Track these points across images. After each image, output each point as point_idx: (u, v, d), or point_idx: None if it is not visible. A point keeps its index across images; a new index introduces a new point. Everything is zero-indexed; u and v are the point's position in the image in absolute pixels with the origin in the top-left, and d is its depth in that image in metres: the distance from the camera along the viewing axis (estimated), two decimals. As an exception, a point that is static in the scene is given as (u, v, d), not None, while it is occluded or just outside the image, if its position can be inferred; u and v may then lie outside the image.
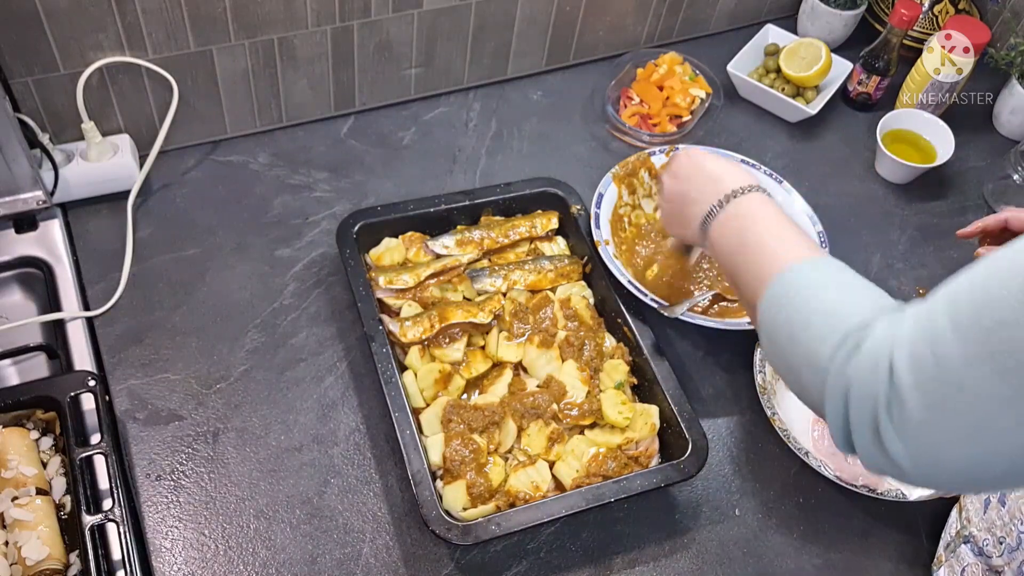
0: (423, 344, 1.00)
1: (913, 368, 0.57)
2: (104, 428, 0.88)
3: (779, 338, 0.72)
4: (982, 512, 0.87)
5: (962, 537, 0.89)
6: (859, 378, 0.61)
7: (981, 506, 0.88)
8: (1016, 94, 1.37)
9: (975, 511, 0.89)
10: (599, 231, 1.09)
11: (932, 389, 0.56)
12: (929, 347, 0.56)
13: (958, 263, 1.24)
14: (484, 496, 0.90)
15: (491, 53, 1.32)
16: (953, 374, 0.54)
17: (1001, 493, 0.85)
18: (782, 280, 0.73)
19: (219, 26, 1.08)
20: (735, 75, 1.39)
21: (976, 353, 0.53)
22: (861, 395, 0.61)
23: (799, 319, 0.69)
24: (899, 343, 0.59)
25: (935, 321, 0.57)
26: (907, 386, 0.57)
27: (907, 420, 0.57)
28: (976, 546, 0.87)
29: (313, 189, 1.20)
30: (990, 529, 0.86)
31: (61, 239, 1.09)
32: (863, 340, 0.63)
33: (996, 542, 0.85)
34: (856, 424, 0.61)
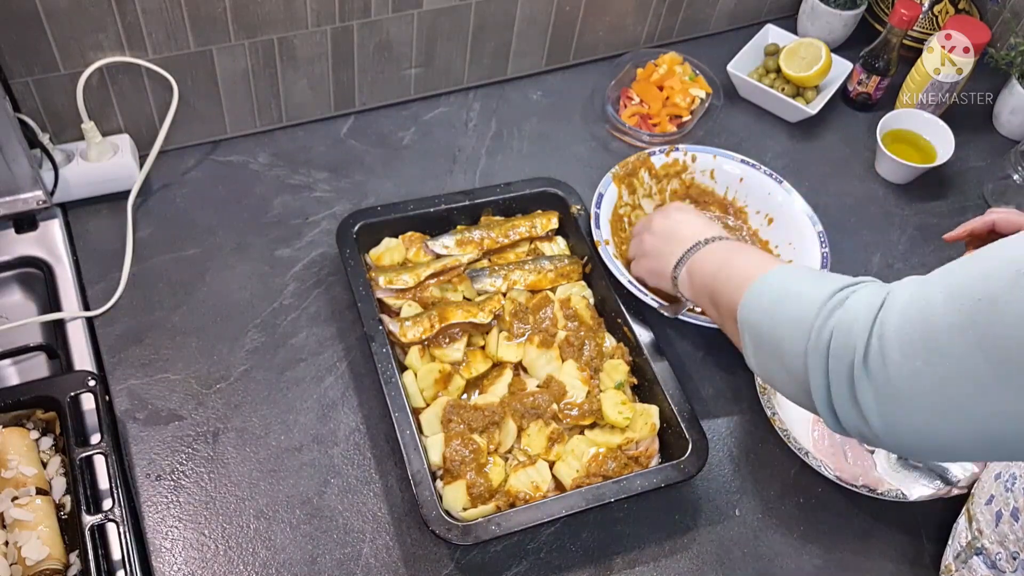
0: (423, 344, 1.00)
1: (900, 324, 0.59)
2: (104, 428, 0.88)
3: (761, 326, 0.73)
4: (994, 524, 0.86)
5: (974, 548, 0.88)
6: (841, 326, 0.63)
7: (993, 518, 0.87)
8: (1016, 94, 1.37)
9: (986, 523, 0.87)
10: (599, 231, 1.09)
11: (914, 346, 0.57)
12: (919, 309, 0.58)
13: (958, 263, 1.24)
14: (484, 496, 0.90)
15: (491, 53, 1.32)
16: (937, 338, 0.56)
17: (1014, 507, 0.84)
18: (762, 280, 0.76)
19: (219, 26, 1.08)
20: (735, 75, 1.39)
21: (962, 323, 0.55)
22: (842, 341, 0.62)
23: (781, 300, 0.72)
24: (891, 298, 0.61)
25: (930, 286, 0.59)
26: (890, 338, 0.58)
27: (883, 371, 0.58)
28: (989, 559, 0.86)
29: (313, 189, 1.20)
30: (1003, 543, 0.85)
31: (61, 239, 1.09)
32: (849, 296, 0.65)
33: (1010, 557, 0.84)
34: (834, 374, 0.62)
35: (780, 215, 1.18)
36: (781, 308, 0.72)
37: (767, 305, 0.74)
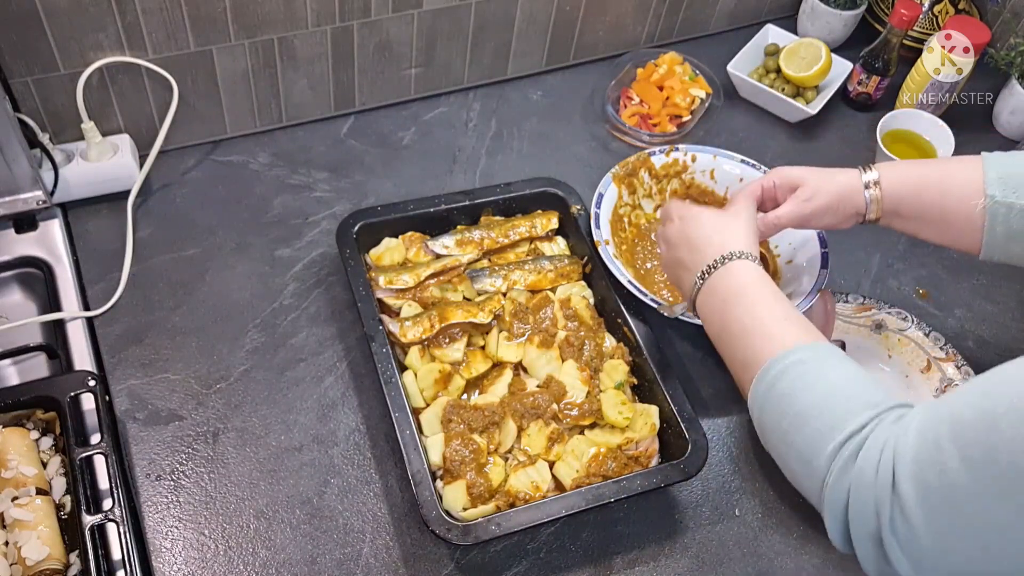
0: (423, 344, 1.00)
1: (919, 492, 0.56)
2: (104, 428, 0.88)
3: (771, 435, 0.72)
4: None
5: None
6: (859, 493, 0.61)
7: None
8: (1016, 94, 1.37)
9: None
10: (599, 231, 1.09)
11: (940, 514, 0.56)
12: (937, 476, 0.56)
13: (957, 263, 1.25)
14: (484, 496, 0.90)
15: (491, 53, 1.32)
16: (966, 507, 0.54)
17: None
18: (771, 371, 0.72)
19: (219, 26, 1.08)
20: (735, 75, 1.39)
21: (993, 494, 0.53)
22: (862, 509, 0.61)
23: (791, 418, 0.69)
24: (901, 459, 0.59)
25: (941, 447, 0.56)
26: (913, 509, 0.57)
27: (914, 542, 0.57)
28: None
29: (313, 189, 1.20)
30: None
31: (61, 239, 1.09)
32: (861, 448, 0.63)
33: None
34: (858, 535, 0.61)
35: (780, 215, 1.18)
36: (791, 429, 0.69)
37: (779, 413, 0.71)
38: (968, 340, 1.16)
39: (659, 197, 1.22)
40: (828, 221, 0.95)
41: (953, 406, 0.58)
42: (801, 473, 0.68)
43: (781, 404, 0.70)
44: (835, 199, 0.92)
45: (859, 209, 0.93)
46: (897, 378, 1.11)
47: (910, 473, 0.57)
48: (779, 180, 0.96)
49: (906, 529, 0.57)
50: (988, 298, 1.21)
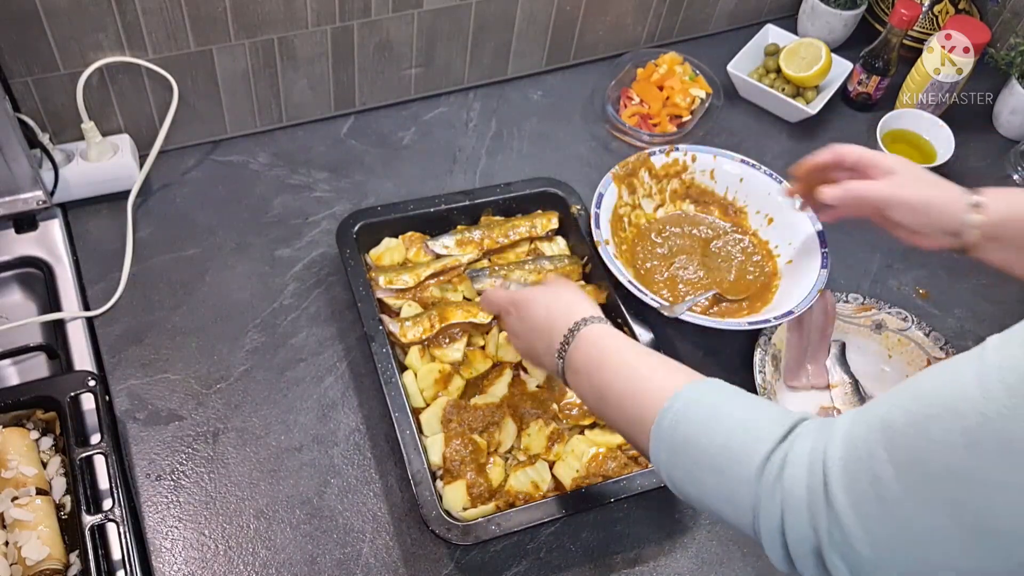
0: (423, 344, 1.00)
1: (853, 501, 0.54)
2: (104, 428, 0.88)
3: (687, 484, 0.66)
4: None
5: None
6: (793, 509, 0.58)
7: None
8: (1016, 94, 1.37)
9: None
10: (599, 231, 1.09)
11: (878, 526, 0.53)
12: (870, 484, 0.53)
13: (957, 263, 1.24)
14: (484, 496, 0.90)
15: (491, 53, 1.32)
16: (902, 516, 0.52)
17: None
18: (664, 420, 0.67)
19: (219, 26, 1.08)
20: (735, 75, 1.39)
21: (927, 499, 0.51)
22: (798, 526, 0.57)
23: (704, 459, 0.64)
24: (831, 469, 0.56)
25: (872, 453, 0.54)
26: (849, 520, 0.54)
27: (853, 553, 0.54)
28: None
29: (313, 189, 1.20)
30: None
31: (61, 239, 1.09)
32: (784, 464, 0.59)
33: None
34: (798, 553, 0.58)
35: (780, 215, 1.18)
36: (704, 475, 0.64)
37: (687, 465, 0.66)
38: (968, 340, 1.16)
39: (659, 197, 1.22)
40: (910, 220, 0.89)
41: (882, 411, 0.55)
42: (729, 508, 0.63)
43: (688, 450, 0.66)
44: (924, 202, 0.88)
45: (952, 228, 0.87)
46: (897, 378, 1.11)
47: (842, 483, 0.55)
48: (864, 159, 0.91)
49: (843, 540, 0.55)
50: (988, 298, 1.21)
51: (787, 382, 1.09)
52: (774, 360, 1.08)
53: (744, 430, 0.64)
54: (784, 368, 1.09)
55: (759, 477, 0.60)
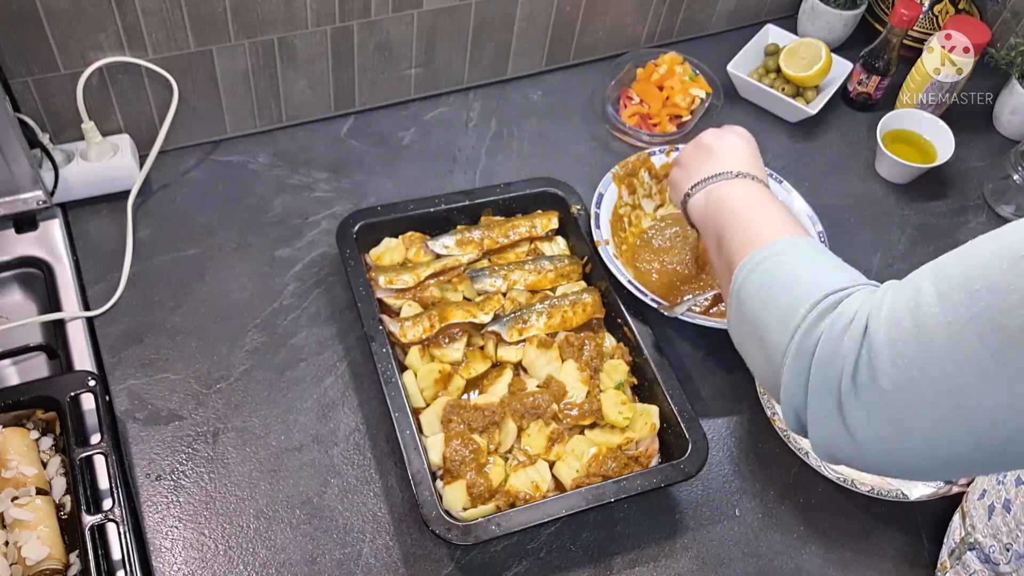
0: (423, 344, 1.00)
1: (889, 335, 0.55)
2: (104, 428, 0.88)
3: (751, 301, 0.70)
4: (986, 518, 0.87)
5: (967, 544, 0.89)
6: (829, 338, 0.59)
7: (985, 512, 0.87)
8: (1016, 94, 1.37)
9: (979, 517, 0.88)
10: (599, 231, 1.09)
11: (907, 356, 0.54)
12: (910, 315, 0.54)
13: (958, 263, 1.24)
14: (484, 496, 0.90)
15: (491, 53, 1.32)
16: (932, 340, 0.53)
17: (1006, 499, 0.84)
18: (763, 250, 0.72)
19: (219, 26, 1.08)
20: (735, 75, 1.39)
21: (959, 318, 0.52)
22: (828, 355, 0.58)
23: (777, 282, 0.69)
24: (876, 309, 0.57)
25: (919, 289, 0.55)
26: (881, 351, 0.55)
27: (875, 386, 0.55)
28: (982, 552, 0.87)
29: (313, 189, 1.20)
30: (995, 535, 0.85)
31: (61, 239, 1.09)
32: (839, 302, 0.61)
33: (1003, 548, 0.84)
34: (816, 388, 0.59)
35: (780, 215, 1.18)
36: (773, 291, 0.68)
37: (762, 281, 0.70)
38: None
39: (659, 197, 1.22)
40: None
41: (936, 260, 0.57)
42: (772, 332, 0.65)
43: (773, 268, 0.70)
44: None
45: None
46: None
47: (884, 318, 0.56)
48: None
49: (869, 372, 0.55)
50: (988, 298, 1.21)
51: (787, 382, 1.09)
52: (774, 360, 1.08)
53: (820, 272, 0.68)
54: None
55: (812, 308, 0.62)
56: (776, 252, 0.72)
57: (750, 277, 0.71)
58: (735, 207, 0.82)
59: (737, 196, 0.84)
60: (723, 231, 0.81)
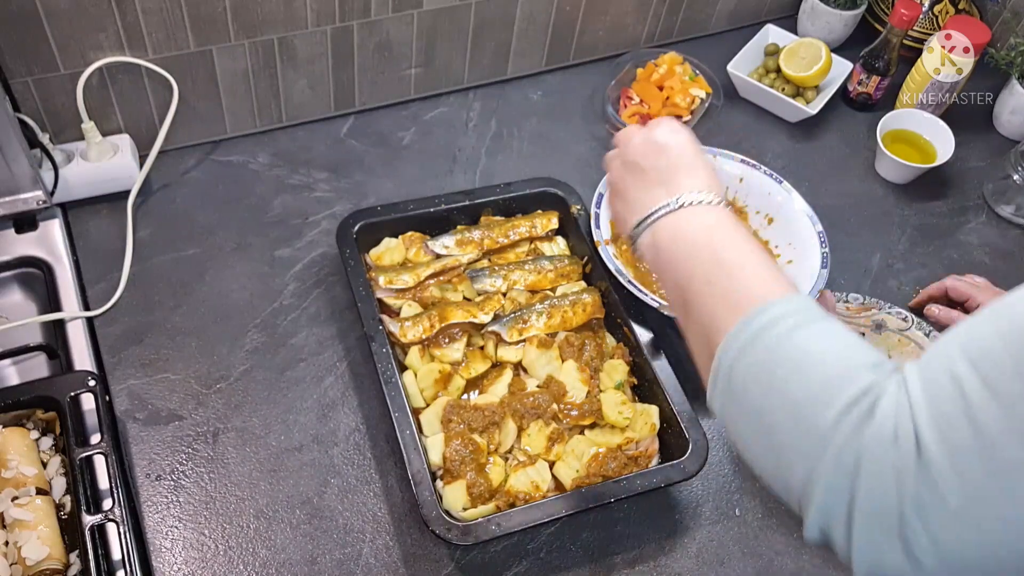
0: (423, 344, 1.00)
1: (946, 443, 0.46)
2: (104, 428, 0.88)
3: (751, 388, 0.57)
4: None
5: None
6: (876, 457, 0.49)
7: None
8: (1016, 94, 1.37)
9: None
10: (599, 231, 1.09)
11: (973, 466, 0.45)
12: (962, 414, 0.46)
13: (958, 263, 1.25)
14: (484, 496, 0.90)
15: (491, 53, 1.32)
16: (999, 445, 0.45)
17: None
18: (753, 320, 0.58)
19: (219, 26, 1.08)
20: (735, 75, 1.39)
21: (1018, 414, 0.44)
22: (878, 478, 0.48)
23: (784, 368, 0.55)
24: (919, 409, 0.48)
25: (957, 376, 0.47)
26: (941, 466, 0.46)
27: (941, 506, 0.46)
28: None
29: (313, 189, 1.20)
30: None
31: (61, 239, 1.09)
32: (873, 405, 0.50)
33: None
34: (866, 513, 0.49)
35: (780, 215, 1.18)
36: (781, 380, 0.55)
37: (762, 365, 0.57)
38: (968, 340, 1.16)
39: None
40: None
41: (960, 340, 0.48)
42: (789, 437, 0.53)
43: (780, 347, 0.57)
44: None
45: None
46: (897, 378, 1.11)
47: (930, 422, 0.47)
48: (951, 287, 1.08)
49: (932, 493, 0.46)
50: (988, 298, 1.21)
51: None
52: (774, 360, 1.07)
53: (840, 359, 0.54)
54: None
55: (843, 414, 0.51)
56: (772, 323, 0.58)
57: (744, 357, 0.58)
58: (694, 252, 0.66)
59: (692, 235, 0.68)
60: (688, 285, 0.65)
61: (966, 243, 1.28)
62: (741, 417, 0.59)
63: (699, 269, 0.65)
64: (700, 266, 0.65)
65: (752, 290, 0.61)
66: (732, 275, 0.63)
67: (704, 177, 0.73)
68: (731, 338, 0.59)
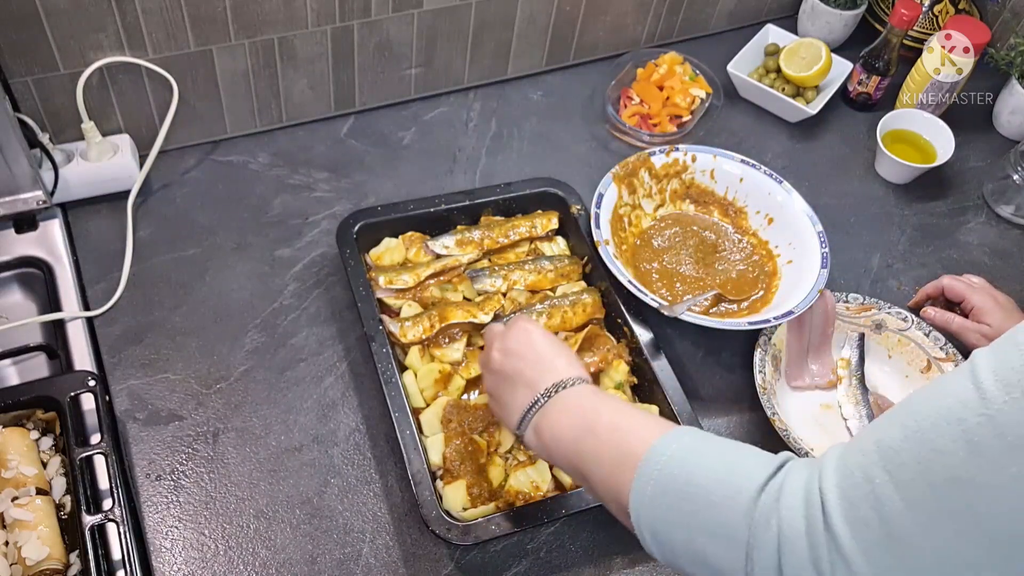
0: (423, 344, 1.00)
1: (854, 529, 0.51)
2: (104, 428, 0.88)
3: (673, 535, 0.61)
4: None
5: None
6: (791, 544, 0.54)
7: None
8: (1016, 94, 1.37)
9: None
10: (599, 231, 1.09)
11: (885, 555, 0.50)
12: (872, 509, 0.51)
13: (957, 263, 1.25)
14: (484, 496, 0.90)
15: (491, 53, 1.32)
16: (907, 541, 0.50)
17: None
18: (653, 457, 0.63)
19: (219, 26, 1.08)
20: (735, 75, 1.39)
21: (932, 516, 0.49)
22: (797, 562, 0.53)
23: (693, 491, 0.60)
24: (828, 496, 0.53)
25: (871, 475, 0.52)
26: (851, 551, 0.51)
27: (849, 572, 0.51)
28: None
29: (313, 189, 1.20)
30: None
31: (61, 239, 1.09)
32: (778, 497, 0.56)
33: None
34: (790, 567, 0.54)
35: (780, 215, 1.18)
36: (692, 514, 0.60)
37: (671, 510, 0.61)
38: (968, 340, 1.16)
39: (659, 197, 1.22)
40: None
41: (875, 435, 0.53)
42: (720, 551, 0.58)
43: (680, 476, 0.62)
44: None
45: None
46: (897, 378, 1.11)
47: (841, 511, 0.52)
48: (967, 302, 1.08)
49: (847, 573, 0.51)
50: (988, 298, 1.21)
51: (789, 383, 1.09)
52: (774, 360, 1.08)
53: (733, 468, 0.60)
54: (785, 369, 1.09)
55: (751, 512, 0.56)
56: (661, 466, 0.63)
57: (652, 509, 0.62)
58: (572, 435, 0.72)
59: (565, 420, 0.74)
60: (580, 464, 0.71)
61: (966, 243, 1.28)
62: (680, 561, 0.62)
63: (583, 446, 0.71)
64: (583, 443, 0.71)
65: (632, 443, 0.66)
66: (611, 439, 0.69)
67: (560, 366, 0.78)
68: (635, 495, 0.63)
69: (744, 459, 0.61)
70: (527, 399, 0.77)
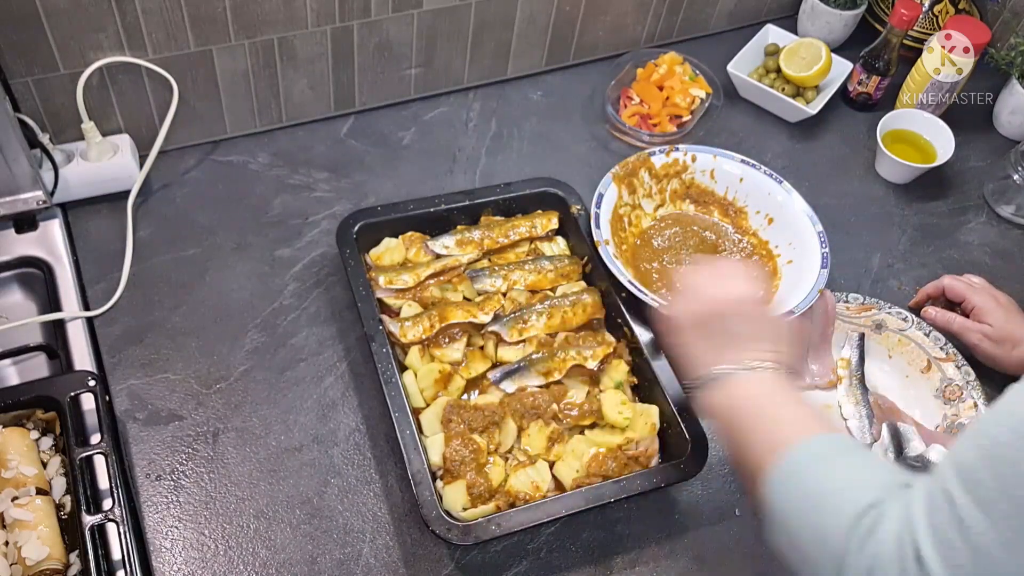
0: (423, 344, 1.00)
1: (943, 555, 0.53)
2: (104, 428, 0.88)
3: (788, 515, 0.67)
4: None
5: None
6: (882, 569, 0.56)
7: None
8: (1016, 94, 1.37)
9: None
10: (599, 231, 1.09)
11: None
12: (957, 532, 0.52)
13: (958, 263, 1.25)
14: (484, 496, 0.90)
15: (491, 53, 1.32)
16: (993, 561, 0.51)
17: None
18: (791, 455, 0.69)
19: (219, 26, 1.08)
20: (735, 75, 1.39)
21: (1017, 531, 0.50)
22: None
23: (809, 500, 0.66)
24: (918, 526, 0.55)
25: (952, 499, 0.53)
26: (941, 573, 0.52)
27: None
28: None
29: (313, 189, 1.20)
30: None
31: (61, 239, 1.09)
32: (878, 523, 0.59)
33: None
34: None
35: (780, 215, 1.18)
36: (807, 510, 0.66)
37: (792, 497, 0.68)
38: (968, 340, 1.16)
39: (659, 197, 1.22)
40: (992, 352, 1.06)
41: (952, 460, 0.55)
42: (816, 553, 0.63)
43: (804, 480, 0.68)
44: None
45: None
46: (897, 378, 1.11)
47: (929, 539, 0.54)
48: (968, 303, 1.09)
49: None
50: (988, 298, 1.21)
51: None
52: (774, 360, 1.07)
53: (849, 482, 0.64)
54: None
55: (853, 529, 0.59)
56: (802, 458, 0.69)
57: (780, 491, 0.68)
58: (749, 409, 0.77)
59: (751, 395, 0.78)
60: (739, 432, 0.77)
61: (966, 243, 1.28)
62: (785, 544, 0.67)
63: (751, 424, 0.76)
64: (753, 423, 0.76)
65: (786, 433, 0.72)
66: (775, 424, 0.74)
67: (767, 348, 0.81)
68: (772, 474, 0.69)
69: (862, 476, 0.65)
70: (724, 361, 0.80)
